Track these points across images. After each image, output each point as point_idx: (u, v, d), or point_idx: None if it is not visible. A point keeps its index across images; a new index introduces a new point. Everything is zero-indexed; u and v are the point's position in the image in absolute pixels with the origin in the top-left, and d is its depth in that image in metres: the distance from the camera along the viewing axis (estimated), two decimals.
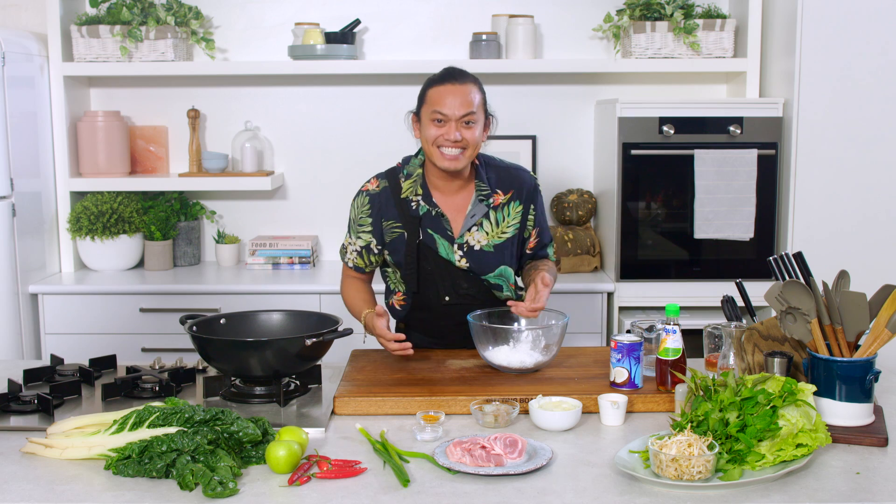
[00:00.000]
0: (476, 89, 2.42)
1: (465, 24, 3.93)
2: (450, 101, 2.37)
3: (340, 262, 2.68)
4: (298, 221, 4.07)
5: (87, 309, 3.54)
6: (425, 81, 2.48)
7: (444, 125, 2.38)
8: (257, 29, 3.97)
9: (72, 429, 1.88)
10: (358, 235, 2.56)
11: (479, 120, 2.42)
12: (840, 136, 3.42)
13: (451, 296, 2.52)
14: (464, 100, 2.38)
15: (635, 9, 3.71)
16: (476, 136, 2.41)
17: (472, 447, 1.80)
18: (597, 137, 3.96)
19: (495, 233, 2.52)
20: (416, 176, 2.52)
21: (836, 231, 3.45)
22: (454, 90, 2.38)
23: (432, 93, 2.41)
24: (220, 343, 2.18)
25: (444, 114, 2.37)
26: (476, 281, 2.52)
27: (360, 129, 4.03)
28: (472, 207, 2.51)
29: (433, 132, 2.40)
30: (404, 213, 2.49)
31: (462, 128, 2.38)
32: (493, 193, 2.52)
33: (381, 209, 2.51)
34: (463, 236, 2.50)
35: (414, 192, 2.50)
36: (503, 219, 2.53)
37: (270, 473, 1.77)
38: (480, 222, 2.51)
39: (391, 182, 2.53)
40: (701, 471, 1.68)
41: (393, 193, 2.51)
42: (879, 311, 1.95)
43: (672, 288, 3.58)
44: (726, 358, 2.19)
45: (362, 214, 2.54)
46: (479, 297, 2.54)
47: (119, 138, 3.82)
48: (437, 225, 2.49)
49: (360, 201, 2.55)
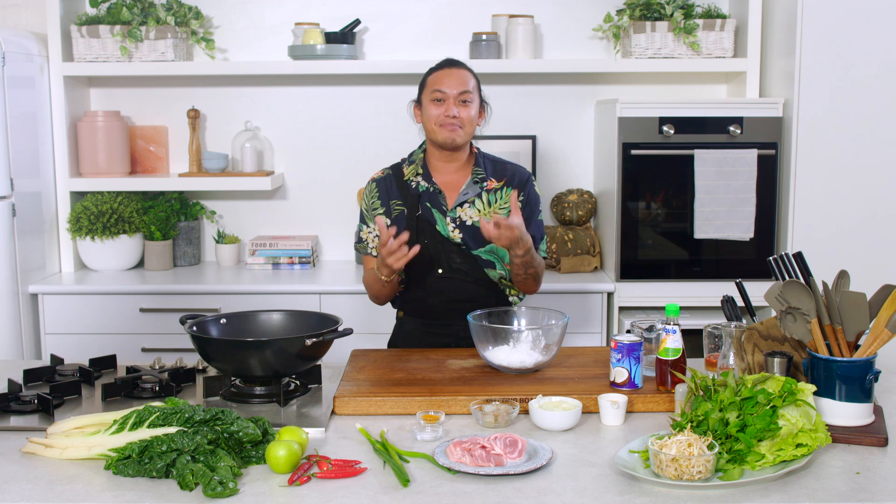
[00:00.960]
0: (471, 75, 2.66)
1: (465, 24, 3.93)
2: (447, 80, 2.61)
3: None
4: (298, 221, 4.08)
5: (87, 309, 3.54)
6: (426, 72, 2.71)
7: (443, 103, 2.60)
8: (257, 29, 3.97)
9: (72, 429, 1.88)
10: (375, 220, 2.62)
11: (474, 100, 2.63)
12: (840, 136, 3.42)
13: (444, 269, 2.66)
14: (460, 80, 2.61)
15: (635, 9, 3.71)
16: (472, 114, 2.62)
17: (472, 447, 1.80)
18: (597, 137, 3.96)
19: (487, 212, 2.67)
20: (417, 160, 2.72)
21: (836, 231, 3.45)
22: (451, 72, 2.63)
23: (432, 77, 2.66)
24: (220, 343, 2.18)
25: (442, 91, 2.60)
26: (469, 257, 2.65)
27: (359, 129, 4.03)
28: (465, 187, 2.68)
29: (433, 111, 2.61)
30: (405, 192, 2.69)
31: (459, 105, 2.60)
32: (487, 179, 2.70)
33: (387, 191, 2.71)
34: (455, 210, 2.66)
35: (415, 174, 2.70)
36: (495, 200, 2.69)
37: (270, 473, 1.77)
38: (473, 200, 2.66)
39: (395, 170, 2.75)
40: (701, 471, 1.68)
41: (396, 178, 2.72)
42: (879, 311, 1.95)
43: (672, 288, 3.58)
44: (726, 358, 2.19)
45: (373, 198, 2.72)
46: (472, 273, 2.66)
47: (119, 138, 3.82)
48: (433, 200, 2.67)
49: (369, 188, 2.74)
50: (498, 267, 2.66)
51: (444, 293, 2.65)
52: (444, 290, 2.65)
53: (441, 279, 2.66)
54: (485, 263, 2.66)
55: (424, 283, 2.68)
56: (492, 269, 2.66)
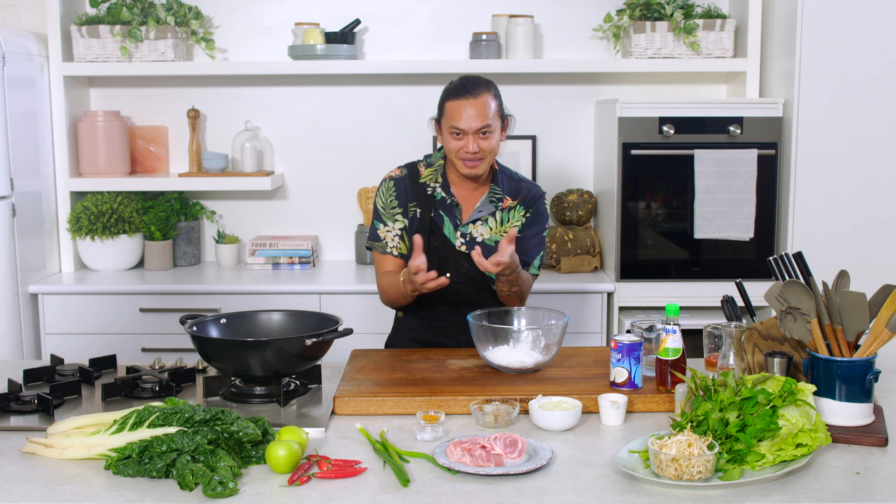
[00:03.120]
0: (491, 97, 2.52)
1: (465, 24, 3.93)
2: (465, 115, 2.48)
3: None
4: (298, 221, 4.08)
5: (87, 309, 3.54)
6: (444, 90, 2.57)
7: (462, 138, 2.50)
8: (257, 29, 3.97)
9: (72, 429, 1.88)
10: (394, 219, 2.65)
11: (495, 129, 2.52)
12: (840, 136, 3.42)
13: (453, 273, 2.60)
14: (479, 113, 2.48)
15: (635, 9, 3.71)
16: (493, 144, 2.52)
17: (472, 447, 1.80)
18: (597, 137, 3.96)
19: (498, 231, 2.64)
20: (437, 166, 2.66)
21: (836, 231, 3.45)
22: (469, 104, 2.48)
23: (449, 107, 2.52)
24: (220, 343, 2.18)
25: (461, 128, 2.49)
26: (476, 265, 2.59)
27: (360, 129, 4.03)
28: (481, 204, 2.63)
29: (453, 145, 2.52)
30: (421, 195, 2.63)
31: (479, 139, 2.49)
32: (503, 198, 2.65)
33: (406, 192, 2.65)
34: (468, 226, 2.62)
35: (433, 180, 2.64)
36: (507, 220, 2.65)
37: (270, 473, 1.77)
38: (486, 218, 2.62)
39: (410, 170, 2.68)
40: (701, 471, 1.68)
41: (412, 179, 2.66)
42: (879, 311, 1.95)
43: (672, 288, 3.58)
44: (726, 358, 2.19)
45: (391, 197, 2.65)
46: (478, 280, 2.64)
47: (119, 138, 3.82)
48: (448, 210, 2.63)
49: (386, 186, 2.67)
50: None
51: (450, 297, 2.62)
52: (450, 293, 2.61)
53: (449, 284, 2.59)
54: (488, 278, 2.61)
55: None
56: (493, 284, 2.62)
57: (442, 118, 2.55)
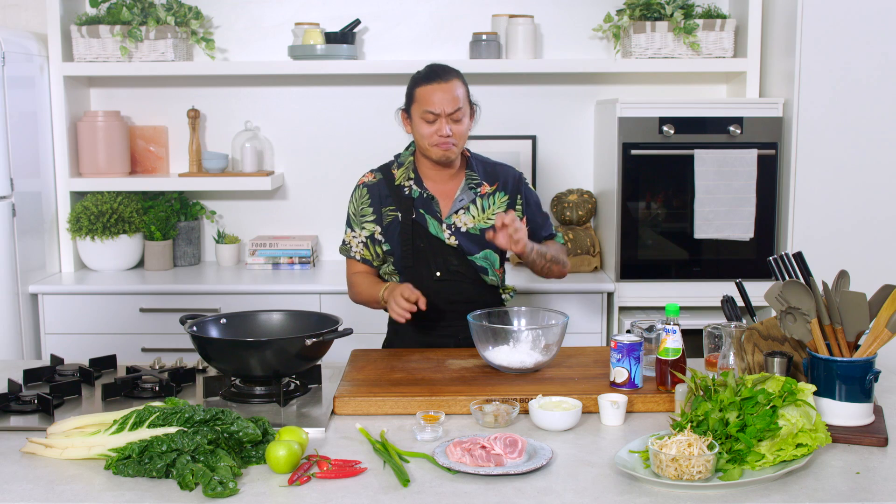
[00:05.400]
0: (460, 83, 2.58)
1: (465, 24, 3.93)
2: (438, 99, 2.53)
3: (343, 264, 2.72)
4: (298, 221, 4.07)
5: (87, 309, 3.54)
6: (411, 79, 2.63)
7: (435, 122, 2.55)
8: (257, 29, 3.97)
9: (72, 429, 1.88)
10: (362, 227, 2.69)
11: (465, 113, 2.58)
12: (840, 136, 3.42)
13: (443, 272, 2.65)
14: (451, 96, 2.53)
15: (635, 9, 3.70)
16: (464, 128, 2.58)
17: (472, 447, 1.80)
18: (597, 137, 3.96)
19: (481, 218, 2.67)
20: (407, 164, 2.68)
21: (836, 231, 3.45)
22: (441, 88, 2.53)
23: (420, 92, 2.56)
24: (220, 343, 2.18)
25: (434, 112, 2.53)
26: (465, 260, 2.66)
27: (360, 129, 4.02)
28: (460, 193, 2.66)
29: (426, 130, 2.56)
30: (398, 197, 2.65)
31: (451, 123, 2.55)
32: (481, 184, 2.68)
33: (380, 197, 2.67)
34: (450, 217, 2.65)
35: (406, 178, 2.67)
36: (489, 206, 2.68)
37: (270, 473, 1.77)
38: (467, 207, 2.66)
39: (385, 174, 2.71)
40: (701, 471, 1.68)
41: (387, 183, 2.68)
42: (879, 311, 1.95)
43: (672, 288, 3.58)
44: (726, 358, 2.19)
45: (363, 205, 2.68)
46: (469, 275, 2.66)
47: (119, 138, 3.82)
48: (427, 206, 2.65)
49: (359, 193, 2.70)
50: (490, 273, 2.69)
51: (442, 295, 2.64)
52: (442, 292, 2.64)
53: (438, 282, 2.65)
54: (479, 269, 2.67)
55: (422, 286, 2.65)
56: (485, 275, 2.68)
57: (412, 105, 2.59)
